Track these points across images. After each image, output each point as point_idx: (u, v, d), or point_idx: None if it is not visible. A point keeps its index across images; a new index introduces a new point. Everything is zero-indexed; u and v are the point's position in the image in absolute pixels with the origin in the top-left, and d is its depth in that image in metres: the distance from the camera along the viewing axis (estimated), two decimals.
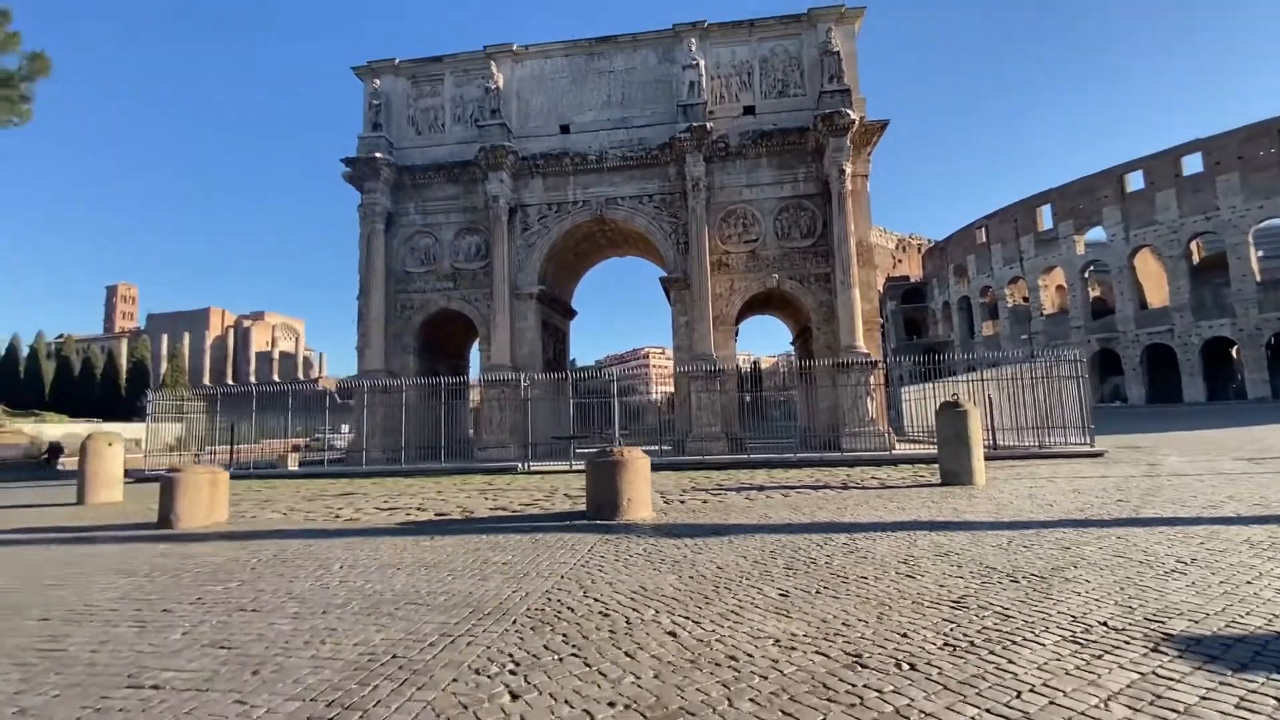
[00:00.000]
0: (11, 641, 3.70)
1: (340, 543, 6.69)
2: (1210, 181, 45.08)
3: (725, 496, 9.69)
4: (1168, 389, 47.79)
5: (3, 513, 10.64)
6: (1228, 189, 44.39)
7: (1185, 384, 47.02)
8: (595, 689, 2.82)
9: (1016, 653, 3.10)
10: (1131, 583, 4.24)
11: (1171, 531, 5.87)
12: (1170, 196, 46.99)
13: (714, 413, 19.73)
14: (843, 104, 19.53)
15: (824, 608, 3.92)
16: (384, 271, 21.63)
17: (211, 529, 7.89)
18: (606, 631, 3.60)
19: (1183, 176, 46.64)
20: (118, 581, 5.15)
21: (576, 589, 4.55)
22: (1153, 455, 13.88)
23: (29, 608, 4.43)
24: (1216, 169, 44.98)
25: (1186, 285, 46.76)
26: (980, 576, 4.54)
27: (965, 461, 10.20)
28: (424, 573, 5.18)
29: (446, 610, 4.09)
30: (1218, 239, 46.03)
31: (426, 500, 10.51)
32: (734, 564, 5.16)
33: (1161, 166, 47.82)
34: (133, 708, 2.75)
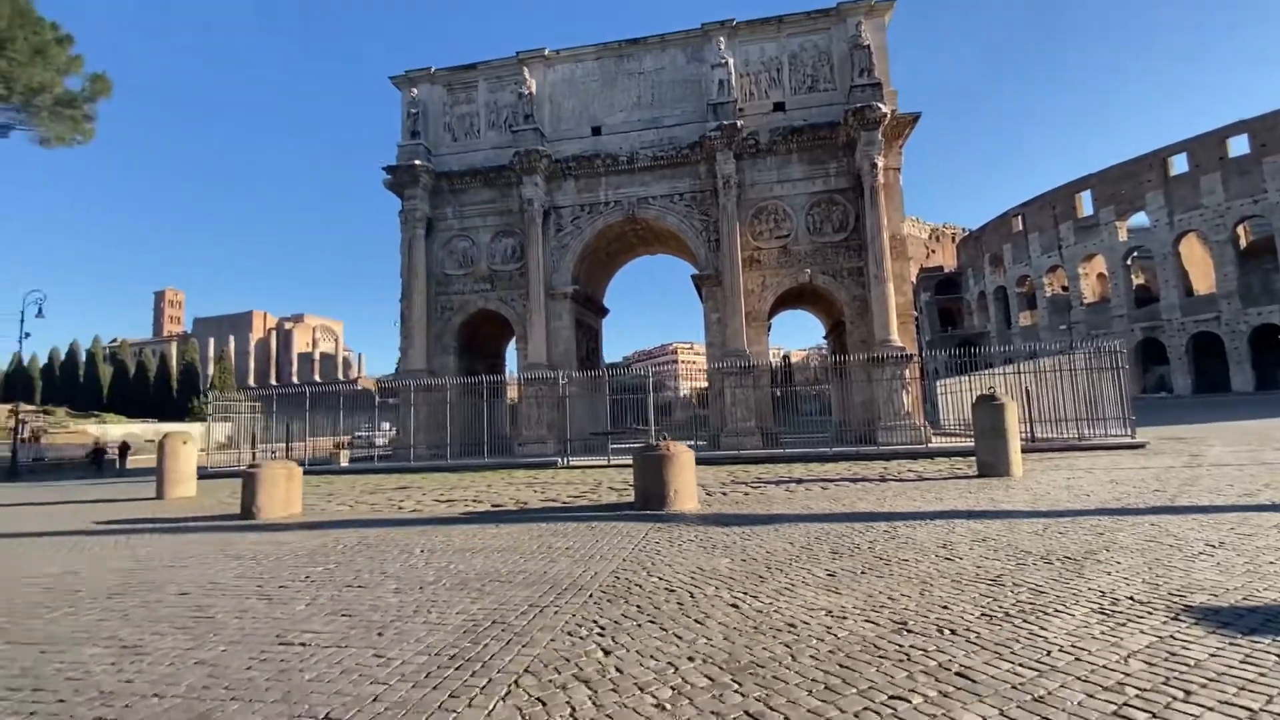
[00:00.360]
0: (166, 610, 4.35)
1: (413, 531, 7.32)
2: (1257, 163, 43.47)
3: (765, 489, 10.10)
4: (1215, 378, 46.32)
5: (95, 506, 11.62)
6: (1275, 171, 42.77)
7: (1233, 373, 45.50)
8: (674, 648, 3.30)
9: (1048, 621, 3.47)
10: (1159, 563, 4.55)
11: (1204, 518, 6.10)
12: (1215, 180, 45.42)
13: (748, 408, 20.06)
14: (874, 98, 19.61)
15: (869, 585, 4.33)
16: (425, 275, 22.46)
17: (289, 520, 8.62)
18: (675, 604, 4.08)
19: (1228, 159, 45.04)
20: (230, 564, 5.83)
21: (640, 569, 5.04)
22: (1196, 446, 13.79)
23: (166, 585, 5.10)
24: (1263, 150, 43.36)
25: (1234, 271, 45.18)
26: (1015, 559, 4.89)
27: (1002, 454, 10.41)
28: (498, 556, 5.73)
29: (528, 586, 4.62)
30: (1265, 223, 44.36)
31: (479, 493, 11.15)
32: (782, 549, 5.60)
33: (1206, 148, 46.23)
34: (290, 659, 3.32)
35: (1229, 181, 44.73)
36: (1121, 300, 51.64)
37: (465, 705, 2.67)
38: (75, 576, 5.54)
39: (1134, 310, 51.30)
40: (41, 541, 7.72)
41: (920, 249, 77.33)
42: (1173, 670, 2.77)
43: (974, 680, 2.75)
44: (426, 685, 2.90)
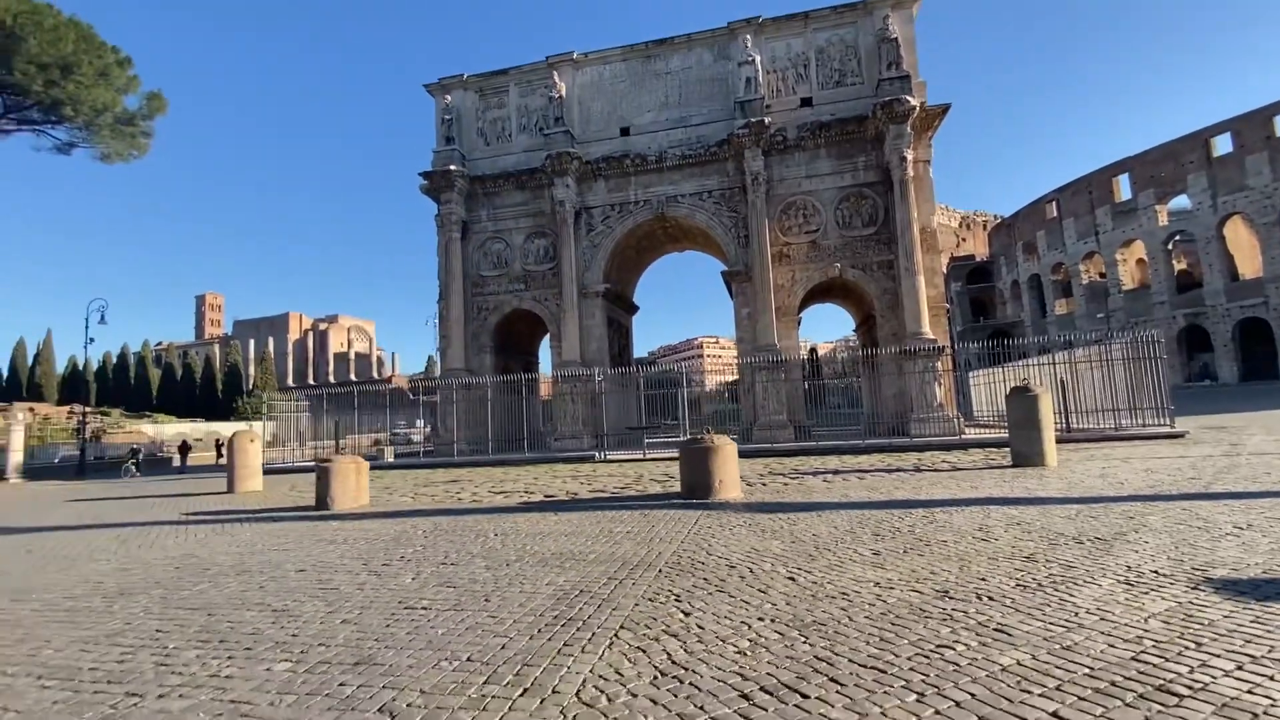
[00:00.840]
0: (293, 584, 5.03)
1: (481, 518, 7.96)
2: None
3: (804, 480, 10.55)
4: (1262, 366, 45.05)
5: (174, 500, 12.59)
6: None
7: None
8: (743, 611, 3.83)
9: (1077, 590, 3.91)
10: (1185, 543, 4.93)
11: (1236, 504, 6.40)
12: (1262, 160, 44.06)
13: (779, 401, 20.45)
14: (902, 91, 19.74)
15: (911, 562, 4.80)
16: (461, 276, 23.27)
17: (360, 510, 9.36)
18: (737, 577, 4.61)
19: (1275, 138, 43.63)
20: (327, 547, 6.53)
21: (699, 549, 5.58)
22: (1237, 435, 13.80)
23: (282, 564, 5.80)
24: None
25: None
26: (1048, 540, 5.31)
27: (1036, 444, 10.69)
28: (565, 539, 6.32)
29: (601, 563, 5.20)
30: None
31: (528, 486, 11.81)
32: (827, 532, 6.08)
33: (1251, 128, 44.85)
34: (418, 619, 3.93)
35: (1276, 161, 43.37)
36: (1163, 286, 50.43)
37: (579, 651, 3.24)
38: (196, 558, 6.29)
39: (1176, 296, 50.08)
40: (144, 529, 8.56)
41: (950, 238, 76.22)
42: (1187, 627, 3.21)
43: (1010, 634, 3.23)
44: (541, 638, 3.48)
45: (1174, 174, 49.06)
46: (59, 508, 12.41)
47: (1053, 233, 57.95)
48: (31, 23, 17.51)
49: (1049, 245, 58.44)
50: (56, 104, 18.38)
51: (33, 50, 17.56)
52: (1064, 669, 2.79)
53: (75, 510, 11.69)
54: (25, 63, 17.60)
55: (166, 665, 3.36)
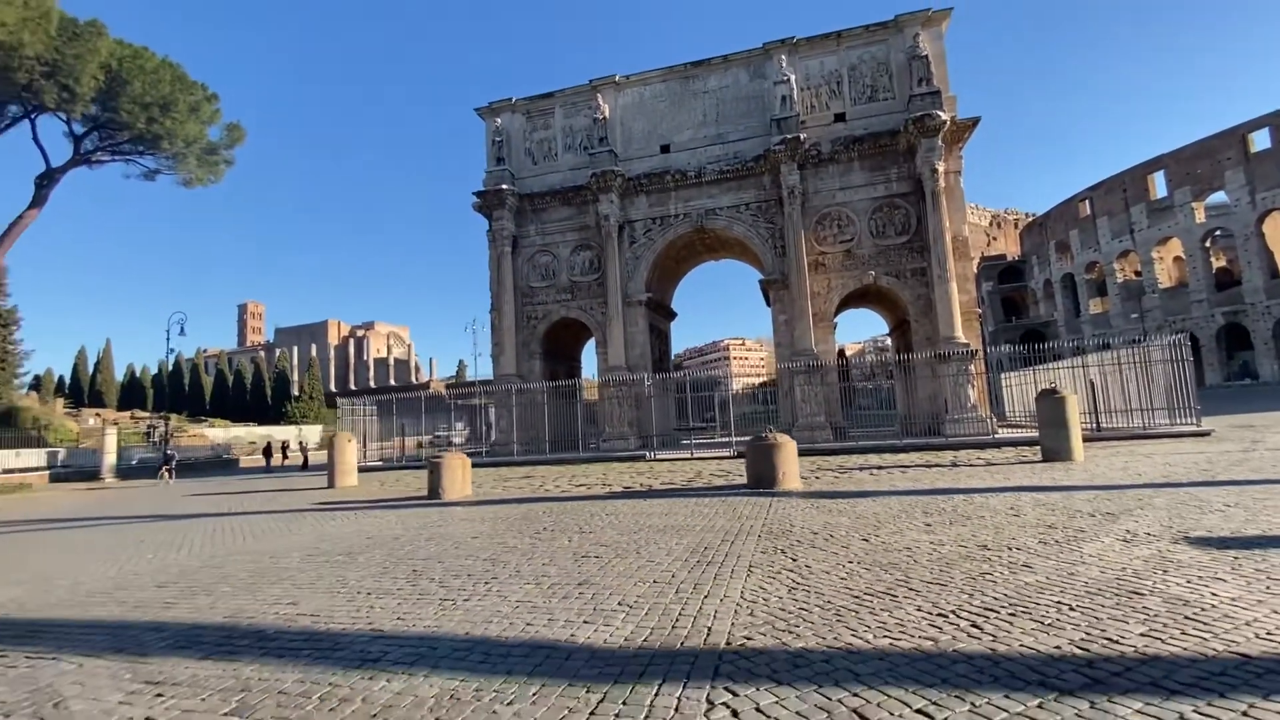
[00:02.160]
0: (479, 545, 6.61)
1: (582, 503, 9.53)
2: None
3: (851, 474, 11.94)
4: None
5: (282, 495, 14.40)
6: None
7: None
8: (834, 558, 5.29)
9: (1084, 544, 5.30)
10: (1179, 516, 6.26)
11: (1234, 489, 7.66)
12: None
13: (818, 403, 21.74)
14: (933, 106, 20.94)
15: (956, 530, 6.22)
16: (512, 288, 25.01)
17: (468, 499, 11.00)
18: (821, 539, 6.07)
19: None
20: (474, 524, 8.14)
21: (782, 523, 7.05)
22: (1262, 434, 14.76)
23: (453, 534, 7.41)
24: None
25: None
26: (1068, 515, 6.67)
27: (1064, 441, 11.93)
28: (667, 517, 7.84)
29: (710, 532, 6.70)
30: None
31: (600, 480, 13.37)
32: (883, 511, 7.50)
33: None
34: (600, 563, 5.46)
35: None
36: (1201, 284, 50.32)
37: (729, 577, 4.75)
38: (378, 532, 7.94)
39: (1214, 294, 49.93)
40: (295, 516, 10.28)
41: (981, 236, 76.33)
42: (1159, 564, 4.60)
43: (1031, 567, 4.65)
44: (695, 572, 5.00)
45: (1210, 171, 49.02)
46: (188, 501, 14.31)
47: (1086, 231, 58.01)
48: (135, 66, 19.68)
49: (1083, 244, 58.50)
50: (156, 138, 20.55)
51: (136, 91, 19.72)
52: (1067, 584, 4.22)
53: (210, 503, 13.55)
54: (130, 102, 19.79)
55: (445, 587, 4.95)
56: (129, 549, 7.85)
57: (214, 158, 23.08)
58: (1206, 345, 49.77)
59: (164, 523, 10.50)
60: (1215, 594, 3.84)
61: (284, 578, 5.70)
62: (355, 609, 4.54)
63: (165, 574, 6.18)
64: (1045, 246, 63.21)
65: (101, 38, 18.93)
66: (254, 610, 4.62)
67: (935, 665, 2.99)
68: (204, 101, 21.28)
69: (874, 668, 2.99)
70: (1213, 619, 3.41)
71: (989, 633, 3.39)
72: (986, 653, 3.12)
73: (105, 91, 19.49)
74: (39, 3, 16.16)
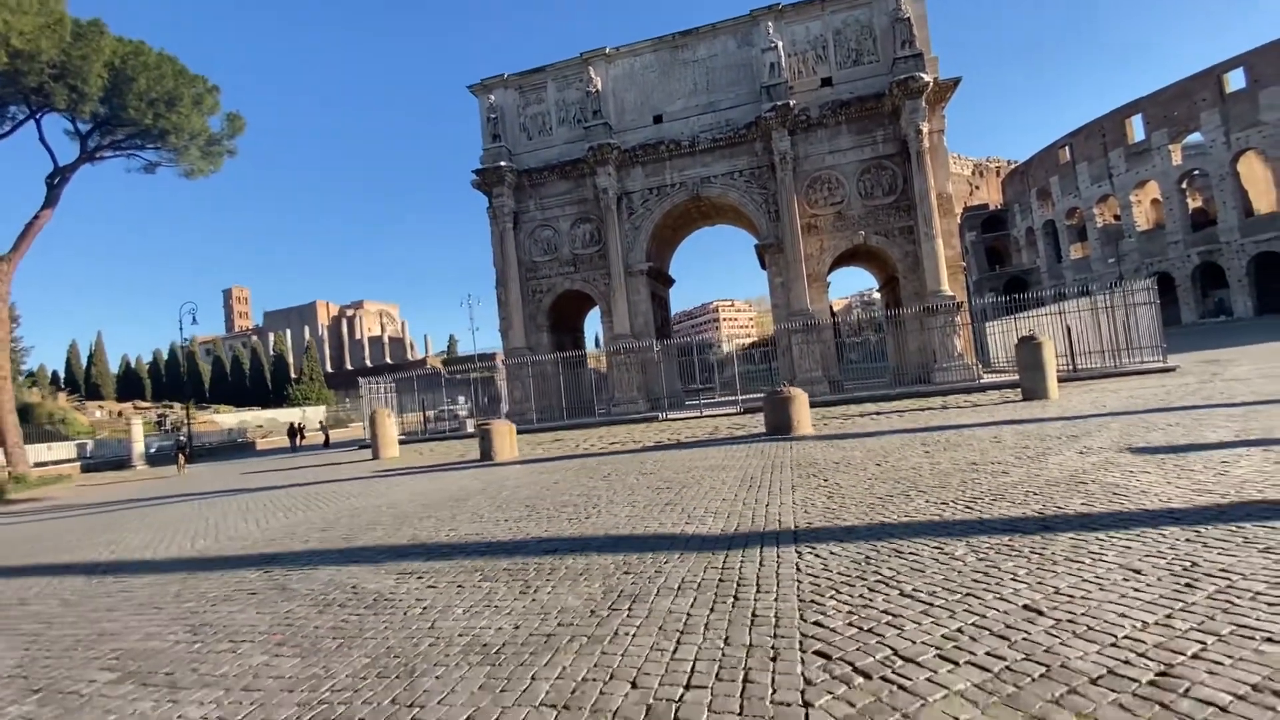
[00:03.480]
0: (562, 490, 8.04)
1: (626, 457, 10.98)
2: None
3: (854, 420, 13.50)
4: (1278, 299, 47.04)
5: (332, 468, 15.74)
6: None
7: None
8: (857, 478, 6.78)
9: (1049, 457, 6.83)
10: (1127, 435, 7.82)
11: (1180, 413, 9.24)
12: (1276, 93, 45.31)
13: (814, 360, 23.32)
14: (916, 68, 22.00)
15: (949, 454, 7.73)
16: (516, 263, 26.08)
17: (519, 459, 12.41)
18: (843, 467, 7.57)
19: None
20: (540, 476, 9.56)
21: (807, 458, 8.55)
22: (1223, 368, 16.44)
23: (531, 483, 8.83)
24: None
25: None
26: (1039, 439, 8.21)
27: (1041, 382, 13.53)
28: (705, 460, 9.30)
29: (750, 468, 8.16)
30: None
31: (627, 438, 14.84)
32: (888, 445, 9.03)
33: (1266, 61, 45.94)
34: (667, 492, 6.91)
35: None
36: (1177, 225, 52.15)
37: (779, 493, 6.22)
38: (459, 487, 9.34)
39: (1190, 235, 51.82)
40: (364, 482, 11.64)
41: (963, 186, 77.47)
42: (1103, 466, 6.12)
43: (1007, 473, 6.17)
44: (749, 493, 6.46)
45: (1187, 112, 50.34)
46: (252, 478, 15.64)
47: (1066, 177, 59.42)
48: (138, 62, 20.12)
49: (1063, 190, 59.97)
50: (164, 133, 21.08)
51: (141, 87, 20.21)
52: (1033, 481, 5.74)
53: (275, 479, 14.87)
54: (136, 99, 20.28)
55: (561, 513, 6.39)
56: (255, 513, 9.20)
57: (216, 149, 23.63)
58: (1182, 285, 51.86)
59: (253, 494, 11.83)
60: (1138, 481, 5.36)
61: (423, 516, 7.12)
62: (506, 529, 5.97)
63: (317, 524, 7.55)
64: (1027, 194, 64.63)
65: (104, 36, 19.32)
66: (425, 535, 6.04)
67: (941, 527, 4.47)
68: (206, 94, 21.75)
69: (900, 532, 4.47)
70: (1131, 494, 4.93)
71: (977, 510, 4.88)
72: (976, 519, 4.61)
73: (111, 89, 19.96)
74: (53, 9, 16.58)
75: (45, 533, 9.92)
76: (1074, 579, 3.23)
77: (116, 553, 7.18)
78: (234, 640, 3.65)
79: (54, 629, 4.34)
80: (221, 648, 3.55)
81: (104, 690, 3.14)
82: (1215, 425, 7.83)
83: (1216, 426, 7.64)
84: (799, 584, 3.56)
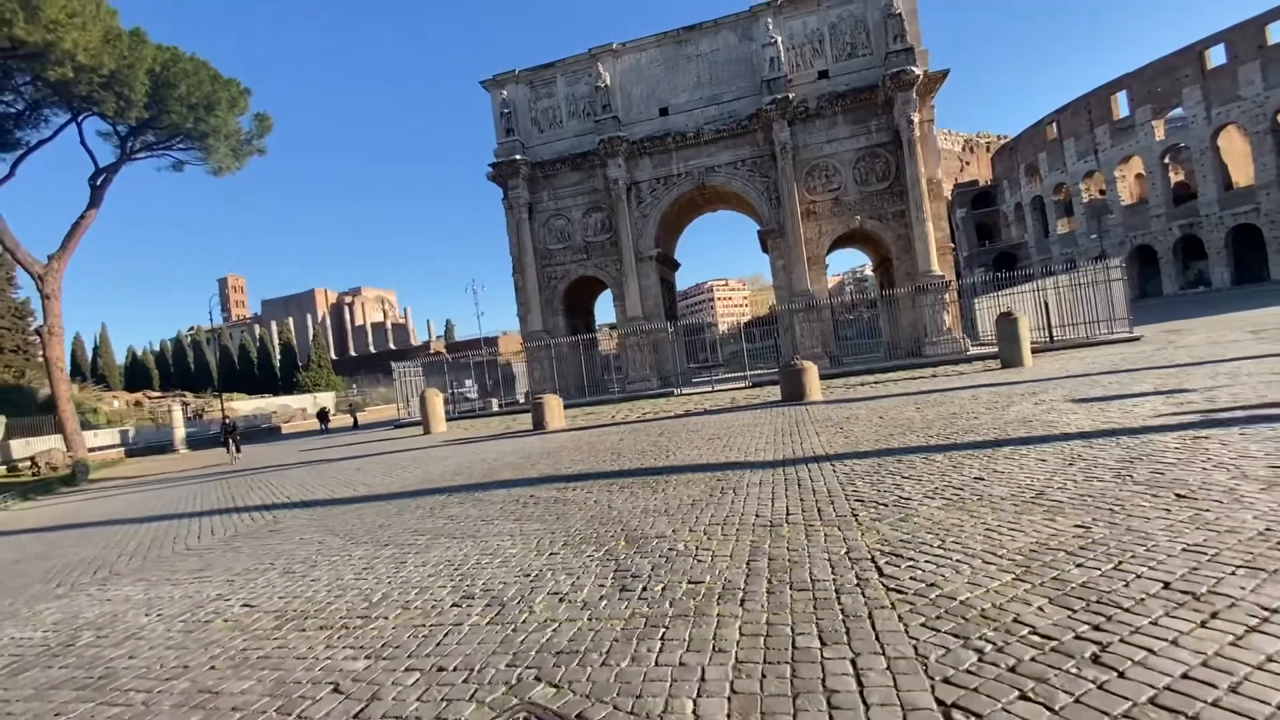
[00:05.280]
0: (635, 440, 10.17)
1: (667, 422, 13.12)
2: None
3: (855, 388, 15.74)
4: (1254, 269, 49.70)
5: (389, 443, 17.80)
6: None
7: (1272, 261, 48.79)
8: (864, 426, 8.99)
9: (1010, 407, 9.06)
10: (1075, 390, 10.07)
11: (1124, 375, 11.51)
12: (1255, 69, 47.47)
13: (815, 337, 25.53)
14: (907, 62, 23.93)
15: (936, 409, 9.95)
16: (532, 251, 27.96)
17: (568, 428, 14.53)
18: (852, 420, 9.77)
19: (1268, 46, 46.89)
20: (606, 437, 11.69)
21: (822, 415, 10.74)
22: (1181, 337, 18.76)
23: (604, 440, 10.96)
24: None
25: (1274, 161, 47.75)
26: (1007, 396, 10.45)
27: (1017, 352, 15.79)
28: (737, 421, 11.47)
29: (778, 424, 10.33)
30: None
31: (657, 409, 16.99)
32: (887, 405, 11.25)
33: (1245, 37, 48.03)
34: (727, 439, 9.07)
35: (1268, 69, 46.78)
36: (1160, 199, 54.55)
37: (807, 437, 8.40)
38: (536, 448, 11.46)
39: (1172, 209, 54.26)
40: (447, 447, 13.71)
41: (954, 162, 79.52)
42: (1048, 412, 8.35)
43: (978, 419, 8.40)
44: (786, 438, 8.62)
45: (1170, 88, 52.49)
46: (324, 451, 17.68)
47: (1054, 154, 61.59)
48: (178, 69, 21.66)
49: (1050, 166, 62.15)
50: (203, 135, 22.66)
51: (182, 92, 21.76)
52: (994, 422, 7.97)
53: (341, 453, 16.91)
54: (178, 103, 21.83)
55: (644, 456, 8.53)
56: (376, 474, 11.28)
57: (248, 148, 25.26)
58: (1164, 257, 54.43)
59: (347, 462, 13.88)
60: (1067, 419, 7.58)
61: (533, 463, 9.28)
62: (611, 466, 8.12)
63: (448, 472, 9.65)
64: (1015, 170, 66.80)
65: (145, 45, 20.82)
66: (551, 471, 8.18)
67: (929, 449, 6.69)
68: (239, 96, 23.27)
69: (898, 453, 6.67)
70: (1059, 426, 7.15)
71: (953, 441, 7.09)
72: (950, 444, 6.82)
73: (153, 95, 21.54)
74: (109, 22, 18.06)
75: (205, 492, 11.97)
76: (1006, 465, 5.45)
77: (311, 497, 9.27)
78: (483, 521, 5.79)
79: (364, 524, 6.45)
80: (477, 523, 5.68)
81: (435, 540, 5.27)
82: (1143, 382, 10.09)
83: (1143, 383, 9.90)
84: (836, 476, 5.75)
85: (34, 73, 18.55)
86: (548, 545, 4.73)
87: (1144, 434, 6.11)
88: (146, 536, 7.82)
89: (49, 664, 3.72)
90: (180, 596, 4.80)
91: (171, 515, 9.45)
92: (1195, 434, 5.78)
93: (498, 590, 3.83)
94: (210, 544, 6.73)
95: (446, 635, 3.22)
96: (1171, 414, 6.91)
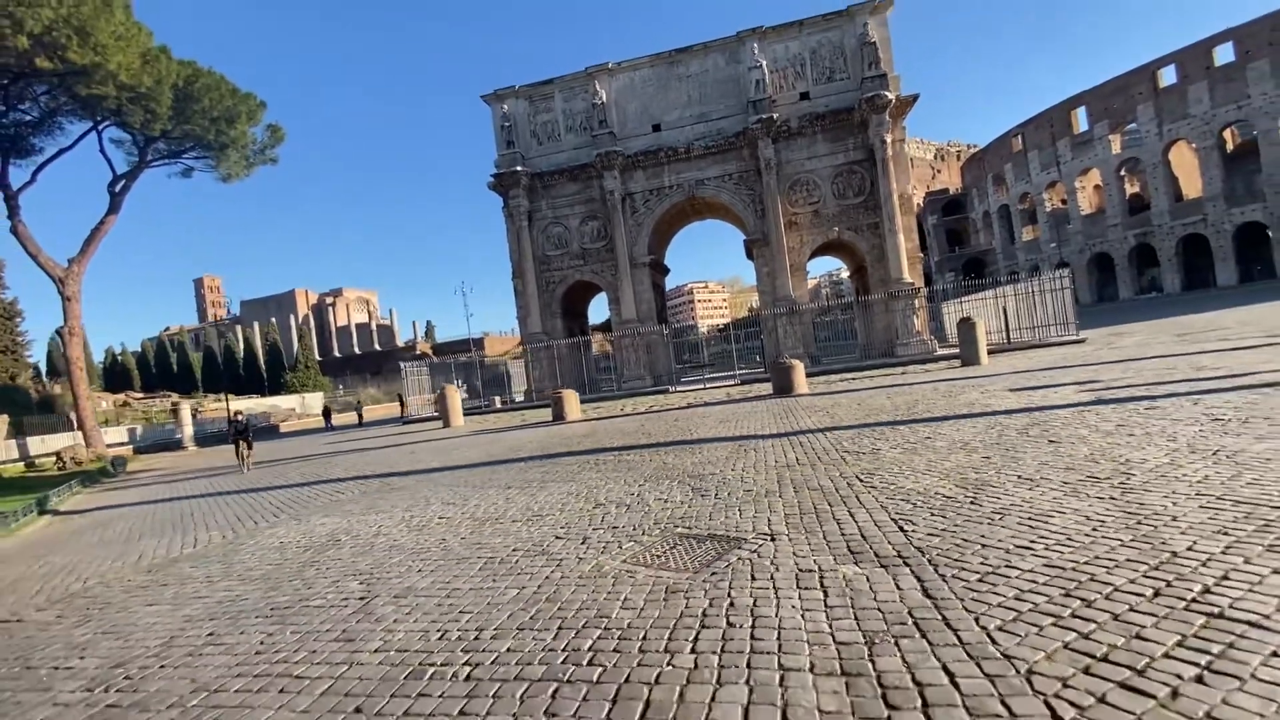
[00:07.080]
0: (660, 425, 12.34)
1: (677, 412, 15.30)
2: (1241, 70, 49.52)
3: (835, 384, 18.14)
4: (1202, 276, 53.81)
5: (411, 435, 19.68)
6: (1259, 76, 48.85)
7: (1218, 269, 52.95)
8: (845, 410, 11.31)
9: (960, 395, 11.47)
10: (1013, 382, 12.54)
11: (1058, 370, 14.04)
12: (1203, 89, 51.56)
13: (796, 338, 28.03)
14: (881, 87, 26.58)
15: (902, 398, 12.33)
16: (531, 257, 29.97)
17: (582, 419, 16.62)
18: (836, 407, 12.10)
19: (1214, 67, 50.98)
20: (626, 424, 13.84)
21: (809, 405, 13.05)
22: (1121, 339, 21.56)
23: (625, 427, 13.11)
24: (1247, 57, 49.29)
25: (1219, 174, 51.90)
26: (963, 386, 12.89)
27: (975, 352, 18.36)
28: (737, 410, 13.71)
29: (773, 411, 12.60)
30: (1250, 127, 50.80)
31: (658, 404, 19.17)
32: (863, 396, 13.62)
33: (1194, 59, 52.10)
34: (736, 422, 11.29)
35: (1215, 89, 50.90)
36: (1116, 210, 58.57)
37: (799, 418, 10.69)
38: (569, 434, 13.56)
39: (1128, 219, 58.31)
40: (484, 435, 15.68)
41: (925, 170, 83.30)
42: (988, 398, 10.76)
43: (934, 404, 10.79)
44: (782, 419, 10.89)
45: (1125, 105, 56.52)
46: (360, 442, 19.47)
47: (1019, 165, 65.44)
48: (200, 84, 23.21)
49: (1016, 176, 66.02)
50: (223, 146, 24.18)
51: (204, 106, 23.30)
52: (947, 406, 10.37)
53: (368, 444, 18.74)
54: (200, 117, 23.37)
55: (670, 434, 10.71)
56: (428, 456, 13.25)
57: (260, 157, 26.81)
58: (1120, 264, 58.42)
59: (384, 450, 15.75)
60: (1001, 402, 9.97)
61: (580, 442, 11.36)
62: (644, 442, 10.25)
63: (497, 454, 11.67)
64: (984, 180, 70.65)
65: (169, 60, 22.39)
66: (594, 447, 10.29)
67: (896, 423, 9.02)
68: (256, 109, 24.87)
69: (873, 426, 8.99)
70: (992, 407, 9.52)
71: (912, 417, 9.43)
72: (912, 419, 9.14)
73: (175, 108, 23.06)
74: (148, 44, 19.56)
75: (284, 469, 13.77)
76: (948, 430, 7.79)
77: (396, 470, 11.23)
78: (573, 473, 7.91)
79: (473, 480, 8.49)
80: (568, 475, 7.80)
81: (545, 484, 7.37)
82: (1070, 375, 12.61)
83: (1069, 376, 12.42)
84: (828, 440, 8.03)
85: (70, 88, 20.00)
86: (635, 480, 6.90)
87: (1050, 410, 8.51)
88: (296, 497, 9.72)
89: (339, 543, 5.76)
90: (379, 519, 6.82)
91: (285, 486, 11.35)
92: (1083, 409, 8.18)
93: (618, 500, 6.00)
94: (355, 497, 8.72)
95: (604, 518, 5.38)
96: (1076, 397, 9.35)
